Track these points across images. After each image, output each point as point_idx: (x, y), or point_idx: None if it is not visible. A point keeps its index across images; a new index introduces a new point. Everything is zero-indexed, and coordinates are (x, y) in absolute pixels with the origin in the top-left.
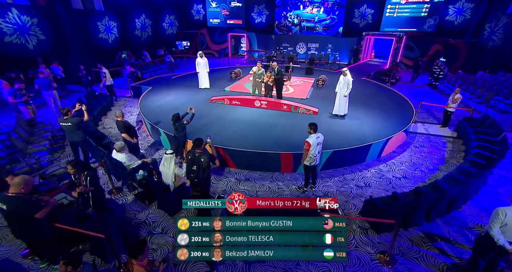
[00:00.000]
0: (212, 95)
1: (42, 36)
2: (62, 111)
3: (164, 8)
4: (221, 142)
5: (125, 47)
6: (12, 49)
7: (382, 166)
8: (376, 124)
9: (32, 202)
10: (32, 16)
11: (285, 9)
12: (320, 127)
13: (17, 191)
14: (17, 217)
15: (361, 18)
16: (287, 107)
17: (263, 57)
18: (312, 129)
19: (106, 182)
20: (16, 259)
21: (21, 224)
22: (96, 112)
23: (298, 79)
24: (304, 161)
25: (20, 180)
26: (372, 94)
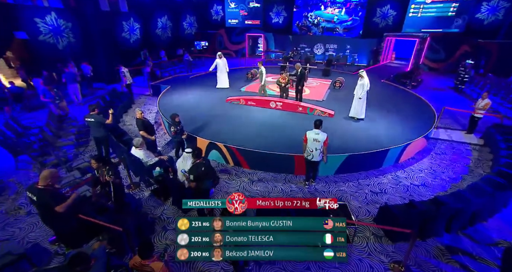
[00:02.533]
0: (229, 95)
1: (72, 38)
2: (90, 108)
3: (185, 9)
4: (235, 142)
5: (145, 47)
6: (45, 47)
7: (399, 172)
8: (394, 129)
9: (59, 194)
10: (67, 20)
11: (306, 9)
12: (335, 130)
13: (45, 183)
14: (45, 208)
15: (382, 18)
16: (302, 108)
17: (280, 58)
18: (314, 124)
19: (125, 177)
20: (44, 244)
21: (48, 214)
22: (118, 110)
23: (315, 80)
24: (304, 152)
25: (48, 174)
26: (391, 97)
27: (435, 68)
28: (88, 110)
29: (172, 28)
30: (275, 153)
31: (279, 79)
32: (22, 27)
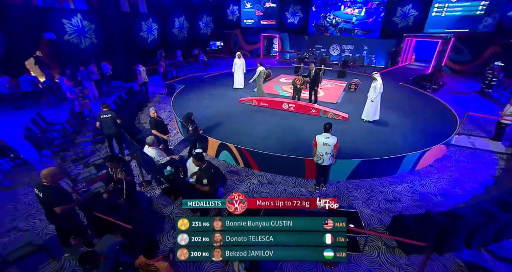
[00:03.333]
0: (243, 96)
1: (95, 39)
2: (102, 106)
3: (201, 9)
4: (246, 143)
5: (162, 47)
6: (69, 47)
7: (416, 180)
8: (412, 134)
9: (62, 194)
10: (91, 22)
11: (324, 9)
12: (349, 134)
13: (46, 181)
14: (48, 204)
15: (402, 18)
16: (315, 111)
17: (295, 58)
18: (324, 128)
19: (137, 175)
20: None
21: (50, 211)
22: (133, 108)
23: (330, 82)
24: (314, 156)
25: (47, 172)
26: (409, 101)
27: (458, 70)
28: (101, 108)
29: (189, 28)
30: (286, 156)
31: (294, 80)
32: (50, 28)
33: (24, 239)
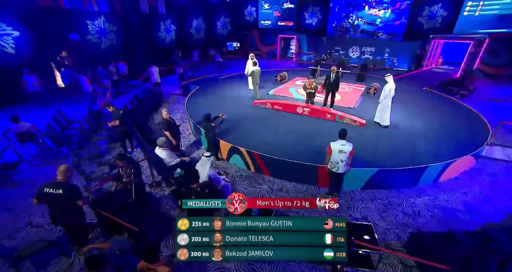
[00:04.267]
0: (256, 98)
1: (115, 40)
2: (106, 105)
3: (219, 10)
4: (258, 147)
5: (179, 47)
6: (91, 47)
7: (438, 193)
8: (436, 143)
9: (79, 189)
10: (113, 24)
11: (347, 9)
12: (366, 141)
13: (64, 177)
14: (66, 202)
15: (429, 18)
16: (331, 116)
17: (312, 60)
18: (339, 134)
19: (148, 176)
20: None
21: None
22: (148, 108)
23: (347, 85)
24: (327, 164)
25: (65, 168)
26: (434, 107)
27: (493, 74)
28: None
29: (206, 29)
30: (298, 162)
31: (305, 85)
32: (75, 29)
33: (37, 234)
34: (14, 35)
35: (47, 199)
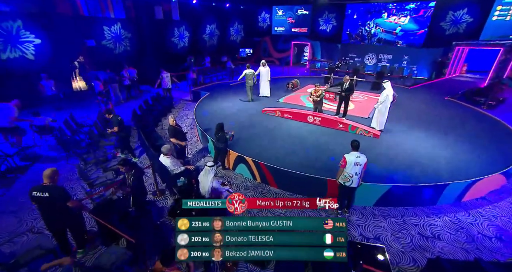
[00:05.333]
0: (268, 105)
1: (128, 47)
2: (106, 112)
3: (233, 17)
4: (265, 158)
5: (191, 53)
6: (105, 52)
7: (462, 215)
8: (459, 158)
9: (66, 190)
10: (128, 31)
11: (365, 16)
12: (381, 154)
13: (50, 181)
14: (55, 204)
15: (453, 24)
16: (343, 126)
17: (326, 67)
18: (352, 146)
19: (152, 183)
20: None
21: (58, 210)
22: (158, 113)
23: (362, 94)
24: (338, 178)
25: (50, 172)
26: (457, 118)
27: None
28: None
29: (219, 35)
30: (306, 175)
31: (311, 92)
32: (92, 36)
33: (37, 241)
34: (35, 43)
35: (36, 202)
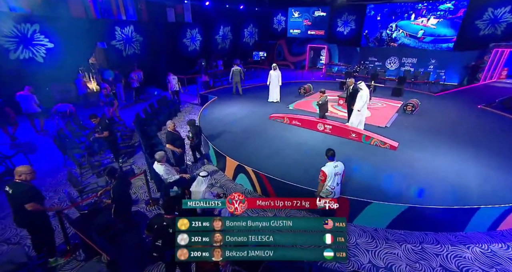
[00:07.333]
0: (276, 111)
1: (138, 49)
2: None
3: (247, 19)
4: (268, 168)
5: (203, 56)
6: (113, 53)
7: (497, 247)
8: (494, 179)
9: (35, 192)
10: (139, 33)
11: (389, 18)
12: (397, 168)
13: (20, 178)
14: (17, 202)
15: (490, 23)
16: (356, 135)
17: (343, 72)
18: (328, 155)
19: (146, 192)
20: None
21: (19, 210)
22: (163, 117)
23: (380, 101)
24: (319, 193)
25: (21, 169)
26: (493, 131)
27: None
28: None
29: (232, 38)
30: (312, 189)
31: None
32: (104, 38)
33: (10, 255)
34: (48, 47)
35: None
